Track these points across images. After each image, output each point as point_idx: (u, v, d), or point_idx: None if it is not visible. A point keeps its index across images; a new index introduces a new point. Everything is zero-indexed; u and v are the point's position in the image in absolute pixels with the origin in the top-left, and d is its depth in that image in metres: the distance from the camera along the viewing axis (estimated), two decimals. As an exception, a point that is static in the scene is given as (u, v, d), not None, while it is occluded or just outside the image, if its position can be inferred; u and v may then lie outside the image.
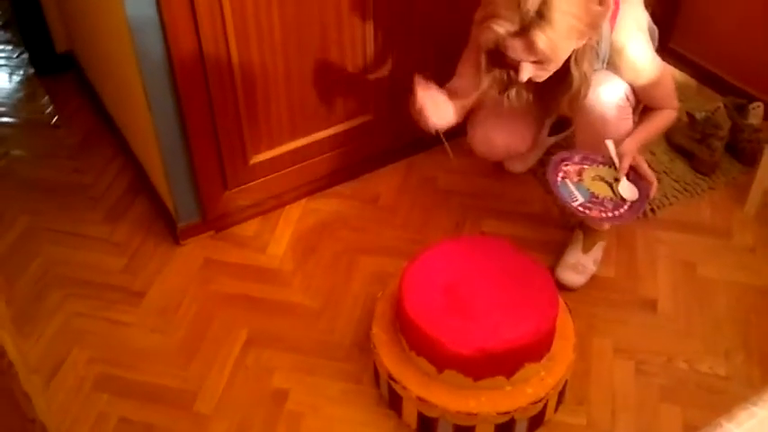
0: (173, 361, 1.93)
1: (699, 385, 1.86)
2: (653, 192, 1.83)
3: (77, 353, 1.96)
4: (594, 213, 1.81)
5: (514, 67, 1.72)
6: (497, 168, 2.40)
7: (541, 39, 1.60)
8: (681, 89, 2.04)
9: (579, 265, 2.09)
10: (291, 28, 1.97)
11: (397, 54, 2.19)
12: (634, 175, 1.85)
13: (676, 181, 2.36)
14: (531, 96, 1.88)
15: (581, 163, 1.89)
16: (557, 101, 1.86)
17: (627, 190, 1.84)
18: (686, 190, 2.34)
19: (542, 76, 1.73)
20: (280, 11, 1.92)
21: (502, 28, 1.61)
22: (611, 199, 1.83)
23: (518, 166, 2.41)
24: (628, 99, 1.88)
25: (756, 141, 2.38)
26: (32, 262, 2.18)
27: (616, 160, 1.85)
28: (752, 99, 2.47)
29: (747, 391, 1.80)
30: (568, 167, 1.88)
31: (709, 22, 2.70)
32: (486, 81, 1.81)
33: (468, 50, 1.95)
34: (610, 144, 1.86)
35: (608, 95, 1.84)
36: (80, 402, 1.85)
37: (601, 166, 1.88)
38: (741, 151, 2.41)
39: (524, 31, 1.61)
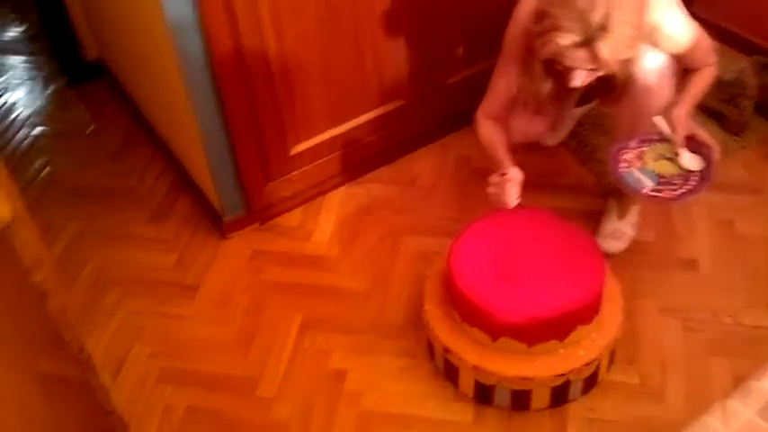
0: (232, 349, 1.99)
1: (744, 338, 1.90)
2: (717, 155, 1.82)
3: (139, 348, 2.03)
4: (666, 194, 1.78)
5: (566, 73, 1.74)
6: (530, 143, 2.44)
7: (605, 49, 1.62)
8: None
9: (618, 232, 2.14)
10: (325, 18, 2.02)
11: (427, 38, 2.24)
12: (693, 144, 1.83)
13: (707, 142, 2.39)
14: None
15: (638, 147, 1.87)
16: (597, 98, 1.87)
17: (690, 161, 1.82)
18: (717, 150, 2.37)
19: (590, 80, 1.76)
20: (313, 5, 1.98)
21: (567, 40, 1.63)
22: (679, 174, 1.81)
23: (551, 140, 2.46)
24: (668, 66, 1.89)
25: (784, 98, 2.41)
26: (86, 265, 2.26)
27: (671, 135, 1.84)
28: (777, 57, 2.50)
29: (793, 339, 1.86)
30: (627, 155, 1.86)
31: (728, -17, 2.72)
32: (546, 86, 1.84)
33: (505, 64, 1.94)
34: (659, 120, 1.86)
35: (650, 65, 1.85)
36: (147, 395, 1.92)
37: (658, 144, 1.86)
38: (769, 109, 2.44)
39: (588, 42, 1.62)
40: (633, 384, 1.83)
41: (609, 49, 1.63)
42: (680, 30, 1.86)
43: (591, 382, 1.80)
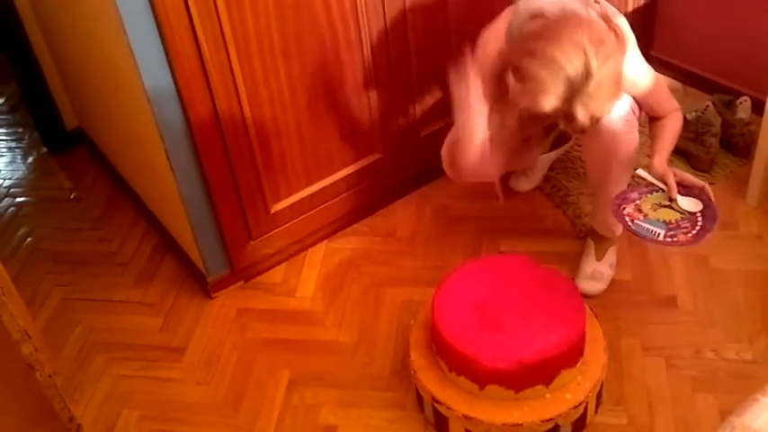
0: (221, 410, 2.00)
1: (728, 372, 1.93)
2: (711, 194, 1.84)
3: (128, 413, 2.02)
4: (681, 238, 1.80)
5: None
6: (505, 189, 2.49)
7: (582, 113, 1.62)
8: (668, 93, 2.13)
9: (597, 273, 2.17)
10: (298, 83, 2.08)
11: (399, 92, 2.30)
12: (683, 189, 1.87)
13: (678, 181, 2.45)
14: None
15: (633, 200, 1.89)
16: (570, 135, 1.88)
17: (689, 204, 1.85)
18: (688, 188, 2.43)
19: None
20: (286, 70, 2.03)
21: (549, 105, 1.62)
22: (683, 218, 1.84)
23: (525, 185, 2.51)
24: (633, 112, 1.95)
25: (748, 134, 2.48)
26: (72, 332, 2.26)
27: (659, 183, 1.88)
28: (738, 94, 2.58)
29: (775, 371, 1.89)
30: (627, 210, 1.87)
31: (686, 25, 2.81)
32: (513, 121, 1.87)
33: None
34: (642, 172, 1.91)
35: (616, 111, 1.88)
36: (138, 461, 1.92)
37: (649, 195, 1.89)
38: (735, 145, 2.51)
39: (569, 107, 1.63)
40: (622, 425, 1.85)
41: (587, 114, 1.63)
42: (639, 72, 1.92)
43: (580, 426, 1.82)
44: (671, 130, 1.97)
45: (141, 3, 1.77)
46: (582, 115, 1.63)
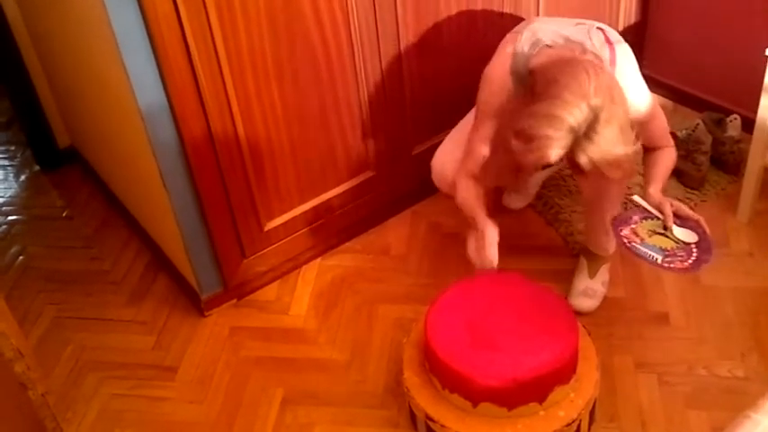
0: (214, 429, 1.99)
1: (720, 389, 1.94)
2: (706, 226, 1.85)
3: (120, 433, 2.02)
4: (678, 265, 1.82)
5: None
6: (498, 206, 2.50)
7: (584, 159, 1.62)
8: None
9: (589, 290, 2.18)
10: (291, 101, 2.09)
11: (392, 111, 2.31)
12: (678, 218, 1.88)
13: (669, 198, 2.46)
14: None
15: (630, 224, 1.91)
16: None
17: (684, 234, 1.87)
18: (679, 205, 2.44)
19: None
20: (279, 88, 2.05)
21: (553, 154, 1.61)
22: (679, 247, 1.85)
23: (517, 203, 2.52)
24: None
25: (738, 152, 2.50)
26: (64, 351, 2.25)
27: (655, 212, 1.89)
28: (728, 112, 2.60)
29: (767, 387, 1.89)
30: (624, 232, 1.89)
31: (676, 44, 2.84)
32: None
33: (482, 125, 1.94)
34: (638, 199, 1.92)
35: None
36: (130, 480, 1.91)
37: (645, 221, 1.91)
38: (725, 163, 2.53)
39: (572, 153, 1.63)
40: (614, 442, 1.86)
41: (587, 161, 1.63)
42: (642, 94, 1.92)
43: (573, 443, 1.82)
44: (666, 161, 1.98)
45: (134, 20, 1.78)
46: (585, 163, 1.63)
